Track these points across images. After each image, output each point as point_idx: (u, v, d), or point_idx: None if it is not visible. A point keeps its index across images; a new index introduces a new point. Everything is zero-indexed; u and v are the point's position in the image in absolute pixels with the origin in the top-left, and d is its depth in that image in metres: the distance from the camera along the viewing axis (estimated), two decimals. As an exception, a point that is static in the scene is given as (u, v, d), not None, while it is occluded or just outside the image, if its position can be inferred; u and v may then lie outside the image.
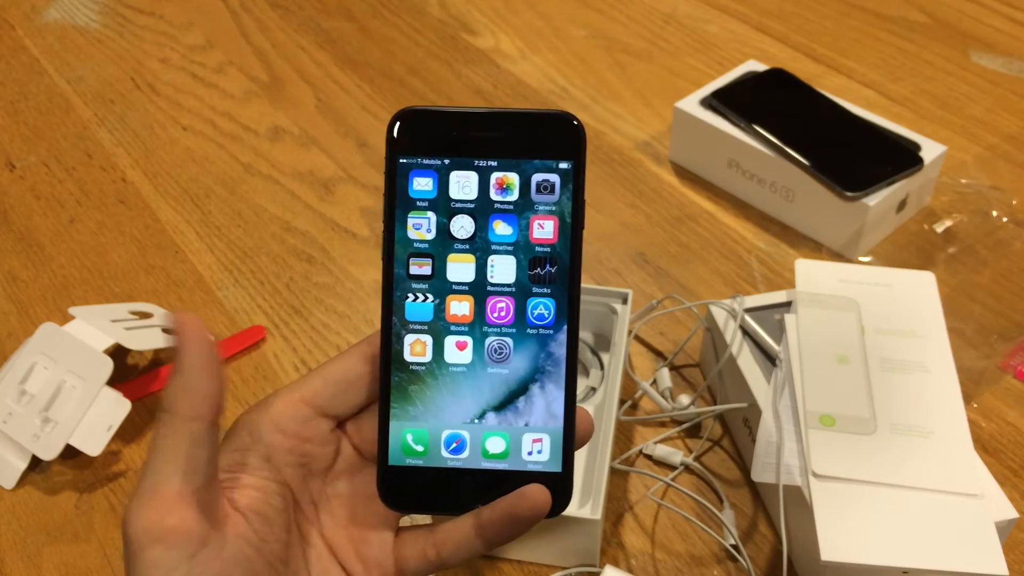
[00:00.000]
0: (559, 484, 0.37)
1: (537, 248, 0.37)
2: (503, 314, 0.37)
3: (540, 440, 0.37)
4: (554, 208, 0.37)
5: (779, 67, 0.82)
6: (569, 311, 0.37)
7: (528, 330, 0.37)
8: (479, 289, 0.37)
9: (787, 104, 0.79)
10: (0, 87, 0.97)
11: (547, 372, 0.37)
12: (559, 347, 0.37)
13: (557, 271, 0.37)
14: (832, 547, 0.47)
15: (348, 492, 0.39)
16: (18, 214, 0.82)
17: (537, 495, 0.35)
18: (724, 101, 0.78)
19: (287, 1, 1.07)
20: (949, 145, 0.78)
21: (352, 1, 1.07)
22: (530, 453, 0.37)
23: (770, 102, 0.78)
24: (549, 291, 0.37)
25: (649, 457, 0.61)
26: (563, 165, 0.37)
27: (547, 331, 0.37)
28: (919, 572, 0.47)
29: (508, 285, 0.37)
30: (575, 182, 0.37)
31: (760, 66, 0.83)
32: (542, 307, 0.37)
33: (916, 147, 0.74)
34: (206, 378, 0.35)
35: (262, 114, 0.92)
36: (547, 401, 0.37)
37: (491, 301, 0.37)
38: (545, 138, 0.37)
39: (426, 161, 0.37)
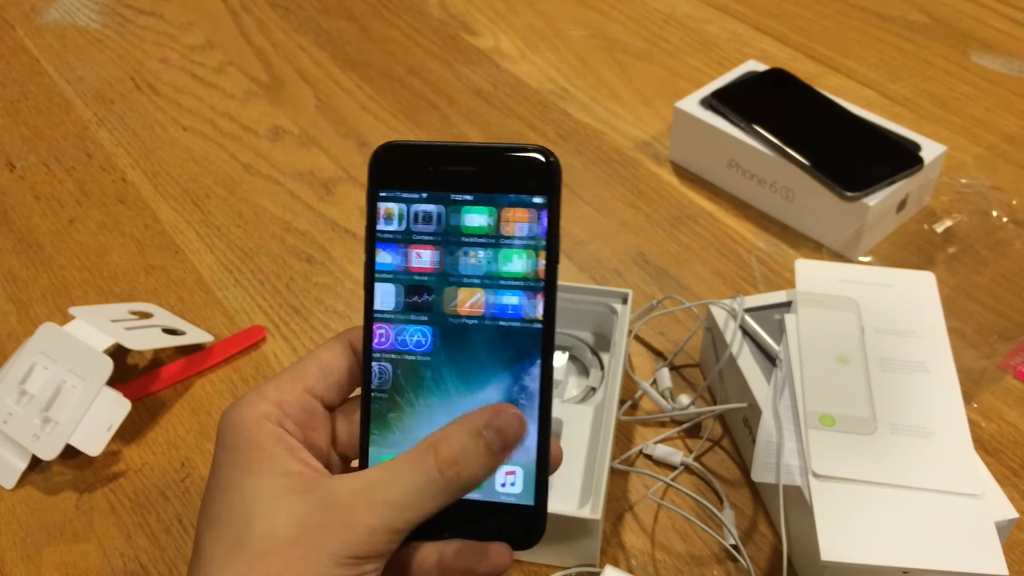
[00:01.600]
0: (531, 517, 0.37)
1: (512, 281, 0.37)
2: (478, 346, 0.37)
3: (513, 473, 0.37)
4: (529, 242, 0.37)
5: (779, 67, 0.82)
6: (543, 344, 0.37)
7: (502, 363, 0.37)
8: (455, 320, 0.37)
9: (787, 104, 0.79)
10: (0, 87, 0.97)
11: (521, 406, 0.37)
12: (532, 381, 0.37)
13: (532, 304, 0.37)
14: (832, 547, 0.47)
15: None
16: (18, 214, 0.82)
17: (497, 558, 0.36)
18: (724, 101, 0.78)
19: (287, 1, 1.07)
20: (949, 145, 0.78)
21: (352, 1, 1.07)
22: (503, 485, 0.37)
23: (770, 102, 0.78)
24: (523, 324, 0.37)
25: (649, 457, 0.61)
26: (537, 199, 0.37)
27: (521, 363, 0.37)
28: (919, 572, 0.47)
29: (482, 318, 0.37)
30: (550, 216, 0.37)
31: (760, 66, 0.83)
32: (516, 340, 0.37)
33: (916, 147, 0.74)
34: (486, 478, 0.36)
35: (262, 114, 0.92)
36: None
37: (466, 333, 0.37)
38: (521, 172, 0.37)
39: (405, 195, 0.37)
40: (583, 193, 0.81)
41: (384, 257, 0.38)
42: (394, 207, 0.37)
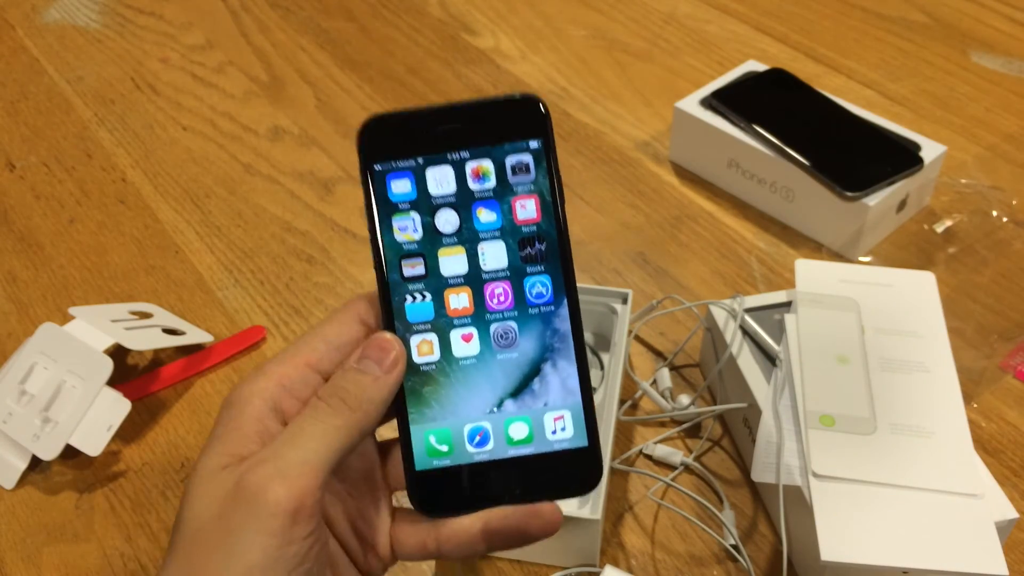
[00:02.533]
0: (587, 458, 0.37)
1: (523, 228, 0.37)
2: (503, 299, 0.37)
3: (561, 417, 0.37)
4: (532, 187, 0.37)
5: (779, 67, 0.82)
6: (566, 285, 0.37)
7: (530, 310, 0.37)
8: (475, 279, 0.37)
9: (787, 104, 0.79)
10: (0, 87, 0.97)
11: (556, 349, 0.37)
12: (563, 322, 0.37)
13: (547, 248, 0.37)
14: (832, 547, 0.47)
15: (343, 465, 0.38)
16: (18, 214, 0.82)
17: (550, 515, 0.36)
18: (724, 101, 0.78)
19: (287, 1, 1.07)
20: (949, 145, 0.78)
21: (352, 1, 1.07)
22: (554, 432, 0.37)
23: (770, 102, 0.78)
24: (543, 268, 0.37)
25: (649, 457, 0.61)
26: (533, 144, 0.37)
27: (548, 308, 0.37)
28: (919, 572, 0.47)
29: (502, 270, 0.37)
30: (548, 158, 0.37)
31: (760, 66, 0.83)
32: (539, 285, 0.37)
33: (916, 147, 0.74)
34: (388, 402, 0.36)
35: (262, 114, 0.92)
36: (561, 377, 0.37)
37: (488, 288, 0.37)
38: (511, 121, 0.37)
39: (400, 163, 0.37)
40: (583, 193, 0.81)
41: (390, 228, 0.37)
42: (401, 179, 0.37)
